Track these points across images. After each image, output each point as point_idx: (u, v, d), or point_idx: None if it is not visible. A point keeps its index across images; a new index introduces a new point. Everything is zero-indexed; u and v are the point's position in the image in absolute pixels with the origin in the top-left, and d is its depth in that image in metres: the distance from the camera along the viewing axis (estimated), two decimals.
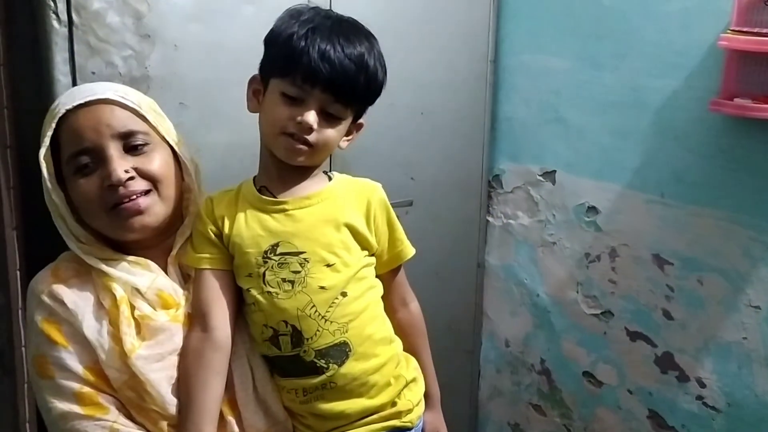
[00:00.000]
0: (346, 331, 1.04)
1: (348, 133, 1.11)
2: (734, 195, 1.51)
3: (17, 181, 1.41)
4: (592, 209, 1.81)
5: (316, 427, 1.07)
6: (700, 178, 1.57)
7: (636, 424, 1.76)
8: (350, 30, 1.04)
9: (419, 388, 1.17)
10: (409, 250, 1.17)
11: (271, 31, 1.06)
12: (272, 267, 1.03)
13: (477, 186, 2.05)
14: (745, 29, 1.39)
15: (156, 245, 1.07)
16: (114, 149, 1.00)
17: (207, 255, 1.06)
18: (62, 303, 1.00)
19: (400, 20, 1.76)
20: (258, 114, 1.09)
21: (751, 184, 1.48)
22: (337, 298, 1.04)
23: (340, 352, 1.04)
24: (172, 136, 1.09)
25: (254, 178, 1.12)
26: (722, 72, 1.46)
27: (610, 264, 1.78)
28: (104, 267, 1.02)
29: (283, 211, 1.06)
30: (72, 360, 0.98)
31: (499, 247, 2.08)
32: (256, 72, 1.10)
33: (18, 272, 1.42)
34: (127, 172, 0.99)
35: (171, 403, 1.00)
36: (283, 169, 1.07)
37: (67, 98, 1.02)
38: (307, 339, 1.02)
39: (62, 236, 1.05)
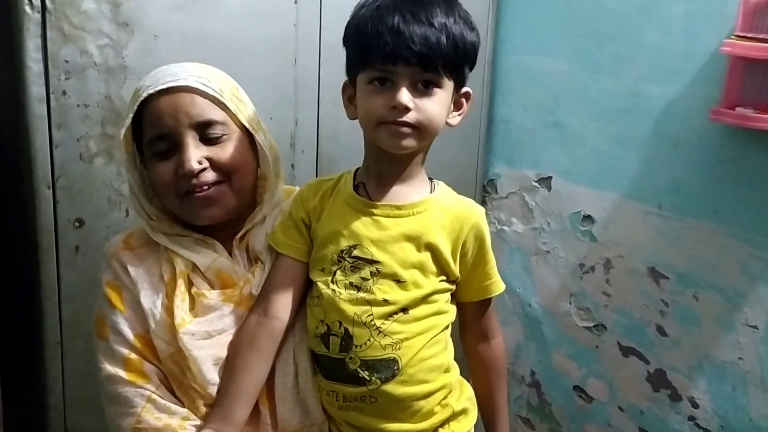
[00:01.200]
0: (398, 349, 0.98)
1: (457, 107, 1.03)
2: (734, 208, 1.46)
3: None
4: (588, 218, 1.76)
5: None
6: (699, 189, 1.51)
7: None
8: None
9: (469, 420, 1.09)
10: (498, 287, 1.08)
11: (345, 29, 1.00)
12: (345, 268, 1.00)
13: (471, 190, 1.99)
14: (750, 35, 1.34)
15: (226, 228, 1.08)
16: (190, 138, 1.01)
17: (291, 242, 1.05)
18: (125, 270, 1.04)
19: None
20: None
21: (752, 197, 1.43)
22: (396, 313, 0.98)
23: (387, 368, 0.98)
24: (252, 124, 1.07)
25: (357, 170, 1.07)
26: (725, 79, 1.40)
27: (605, 276, 1.73)
28: (169, 243, 1.05)
29: (371, 215, 1.01)
30: (125, 326, 1.02)
31: None
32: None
33: None
34: (200, 162, 1.00)
35: (211, 383, 1.00)
36: (383, 167, 1.02)
37: (150, 81, 1.02)
38: (356, 346, 0.98)
39: (135, 212, 1.08)
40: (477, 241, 1.03)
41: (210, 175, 1.01)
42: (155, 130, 1.00)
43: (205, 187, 1.01)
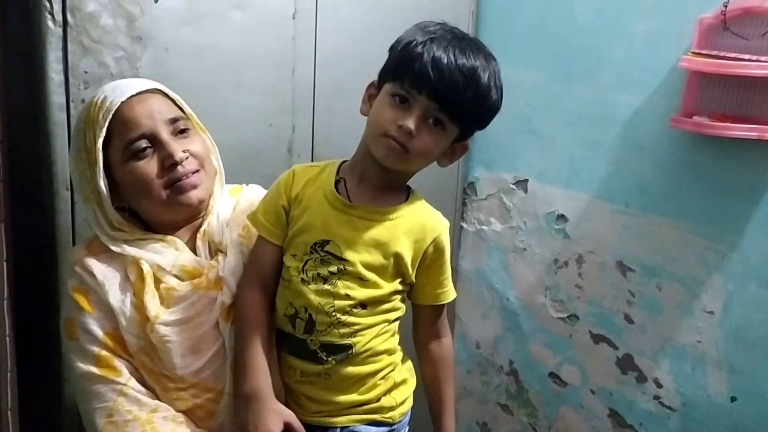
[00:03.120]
0: (353, 337, 1.11)
1: (452, 153, 1.12)
2: (692, 206, 1.60)
3: (6, 174, 1.45)
4: (562, 217, 1.89)
5: (306, 407, 1.15)
6: (661, 189, 1.65)
7: (597, 423, 1.84)
8: (469, 44, 1.04)
9: (408, 387, 1.22)
10: (449, 295, 1.19)
11: (397, 39, 1.09)
12: (315, 260, 1.10)
13: (452, 192, 2.11)
14: (704, 52, 1.48)
15: (185, 225, 1.17)
16: (167, 133, 1.11)
17: (270, 226, 1.14)
18: (92, 274, 1.11)
19: (383, 30, 1.81)
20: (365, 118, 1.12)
21: (708, 196, 1.57)
22: (356, 308, 1.10)
23: (342, 352, 1.11)
24: (199, 124, 1.19)
25: (341, 164, 1.16)
26: (683, 91, 1.55)
27: (577, 270, 1.86)
28: (129, 251, 1.12)
29: (347, 215, 1.10)
30: (95, 325, 1.10)
31: (472, 252, 2.16)
32: (376, 79, 1.13)
33: (5, 263, 1.46)
34: (184, 152, 1.11)
35: (180, 366, 1.09)
36: (369, 170, 1.11)
37: (114, 92, 1.10)
38: (318, 330, 1.10)
39: (91, 224, 1.14)
40: (436, 253, 1.14)
41: (192, 164, 1.12)
42: (132, 132, 1.08)
43: (189, 175, 1.11)
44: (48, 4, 1.32)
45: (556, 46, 1.85)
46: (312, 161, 1.77)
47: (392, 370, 1.18)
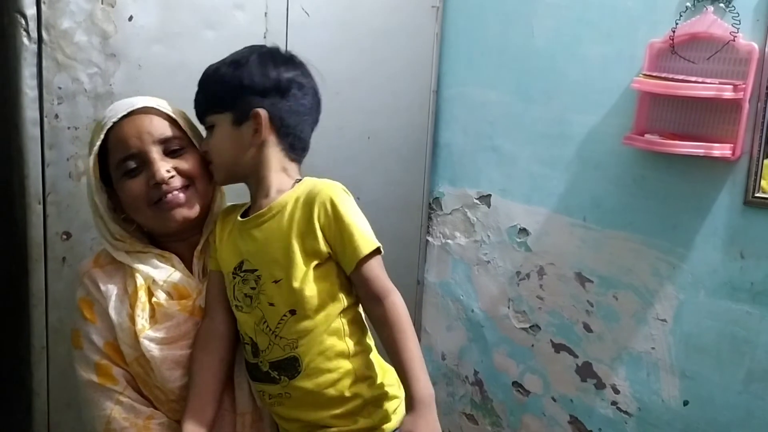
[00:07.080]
0: (296, 347, 1.08)
1: (252, 130, 1.12)
2: (644, 220, 1.69)
3: None
4: (523, 231, 1.96)
5: (288, 427, 1.14)
6: (615, 204, 1.74)
7: (558, 430, 1.91)
8: None
9: (391, 404, 1.14)
10: (363, 248, 1.07)
11: None
12: (238, 283, 1.12)
13: (418, 207, 2.18)
14: (655, 74, 1.57)
15: (185, 239, 1.20)
16: (155, 153, 1.13)
17: (212, 258, 1.19)
18: (96, 285, 1.15)
19: (352, 51, 1.89)
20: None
21: (659, 210, 1.66)
22: (285, 316, 1.07)
23: (291, 366, 1.08)
24: (200, 140, 1.20)
25: None
26: (635, 110, 1.64)
27: (538, 281, 1.93)
28: (129, 260, 1.16)
29: (246, 230, 1.13)
30: (97, 335, 1.14)
31: (437, 266, 2.21)
32: None
33: None
34: (168, 171, 1.13)
35: (169, 380, 1.12)
36: (248, 190, 1.17)
37: (110, 112, 1.15)
38: (262, 351, 1.10)
39: (97, 234, 1.19)
40: (328, 215, 1.08)
41: (178, 181, 1.14)
42: (123, 151, 1.12)
43: (175, 192, 1.13)
44: (23, 21, 1.34)
45: (516, 67, 1.93)
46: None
47: (356, 382, 1.10)
